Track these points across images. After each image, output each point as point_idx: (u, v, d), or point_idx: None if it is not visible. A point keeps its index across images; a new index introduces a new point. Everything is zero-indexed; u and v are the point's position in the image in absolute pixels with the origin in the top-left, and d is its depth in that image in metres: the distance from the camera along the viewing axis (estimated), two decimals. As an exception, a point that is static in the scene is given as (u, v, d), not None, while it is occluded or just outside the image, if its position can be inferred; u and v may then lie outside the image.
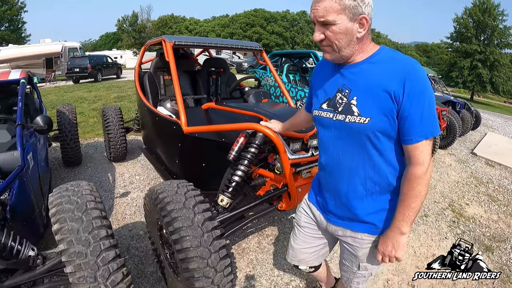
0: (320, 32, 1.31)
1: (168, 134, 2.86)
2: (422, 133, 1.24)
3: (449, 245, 3.38)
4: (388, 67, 1.28)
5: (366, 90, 1.31)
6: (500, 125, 13.47)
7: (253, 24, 57.61)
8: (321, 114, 1.48)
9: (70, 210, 1.74)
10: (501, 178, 6.12)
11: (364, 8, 1.24)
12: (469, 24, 32.56)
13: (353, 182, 1.43)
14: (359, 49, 1.33)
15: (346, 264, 1.68)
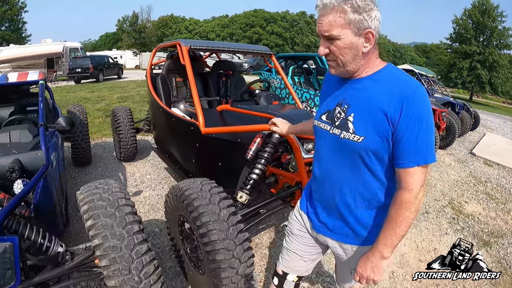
0: (324, 47, 1.29)
1: (185, 135, 2.99)
2: (414, 159, 1.21)
3: (449, 240, 3.56)
4: (390, 87, 1.25)
5: (363, 108, 1.29)
6: (498, 126, 13.66)
7: (253, 25, 57.38)
8: (319, 125, 1.47)
9: (103, 207, 1.83)
10: (499, 177, 6.29)
11: (370, 22, 1.21)
12: (468, 25, 32.71)
13: (343, 195, 1.42)
14: (365, 64, 1.30)
15: (343, 275, 1.73)
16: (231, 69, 4.53)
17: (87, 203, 1.86)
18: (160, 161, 5.13)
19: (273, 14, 60.20)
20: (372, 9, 1.20)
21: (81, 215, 1.85)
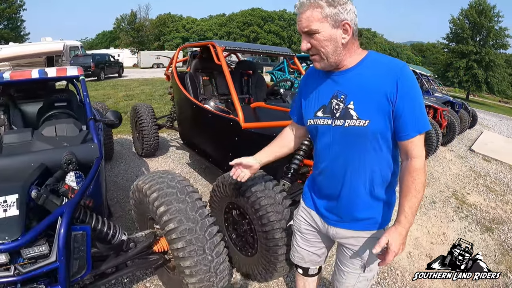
0: (306, 42, 1.36)
1: (223, 130, 3.23)
2: (416, 129, 1.30)
3: (456, 226, 3.92)
4: (380, 70, 1.32)
5: (362, 94, 1.34)
6: (495, 124, 14.09)
7: (250, 23, 57.62)
8: (318, 122, 1.48)
9: (173, 194, 1.96)
10: (497, 172, 6.65)
11: (346, 14, 1.28)
12: (465, 25, 33.09)
13: (354, 183, 1.45)
14: (347, 55, 1.36)
15: (347, 270, 1.65)
16: (251, 69, 4.84)
17: (155, 191, 1.98)
18: (182, 156, 5.42)
19: (271, 13, 60.29)
20: (346, 3, 1.28)
21: (149, 201, 1.98)
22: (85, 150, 2.35)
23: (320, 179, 1.58)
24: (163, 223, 1.87)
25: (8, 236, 1.62)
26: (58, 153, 2.22)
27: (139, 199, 2.18)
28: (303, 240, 1.79)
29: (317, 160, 1.57)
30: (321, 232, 1.70)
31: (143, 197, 2.06)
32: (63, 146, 2.40)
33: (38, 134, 2.56)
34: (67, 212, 1.72)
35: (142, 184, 2.11)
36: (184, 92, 3.91)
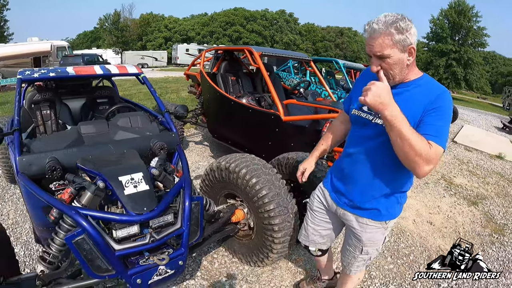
0: (376, 65, 1.47)
1: (263, 123, 3.76)
2: (434, 135, 1.40)
3: (446, 200, 4.73)
4: (426, 90, 1.49)
5: (405, 106, 1.44)
6: (474, 119, 15.12)
7: (233, 23, 57.44)
8: (360, 114, 1.67)
9: (259, 169, 2.35)
10: (478, 159, 7.51)
11: (411, 38, 1.40)
12: (444, 25, 34.34)
13: (373, 175, 1.65)
14: (409, 73, 1.52)
15: (349, 250, 1.91)
16: (269, 70, 5.47)
17: (244, 168, 2.35)
18: (204, 150, 5.97)
19: (253, 12, 60.04)
20: (411, 27, 1.40)
21: (239, 176, 2.34)
22: (167, 137, 2.62)
23: (346, 162, 1.78)
24: (255, 191, 2.26)
25: (146, 207, 1.85)
26: (146, 140, 2.51)
27: (222, 176, 2.53)
28: (312, 218, 2.05)
29: (349, 144, 1.79)
30: (330, 211, 1.94)
31: (229, 174, 2.44)
32: (147, 135, 2.63)
33: (114, 125, 2.71)
34: (187, 185, 2.06)
35: (226, 164, 2.46)
36: (219, 91, 4.47)
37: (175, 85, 15.47)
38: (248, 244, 2.59)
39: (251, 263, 2.63)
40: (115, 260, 1.74)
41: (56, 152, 2.16)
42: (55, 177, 2.05)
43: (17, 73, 2.82)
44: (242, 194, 2.43)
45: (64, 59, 20.47)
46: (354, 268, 1.94)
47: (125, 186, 1.89)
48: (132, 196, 1.86)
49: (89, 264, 1.72)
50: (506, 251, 3.58)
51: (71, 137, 2.48)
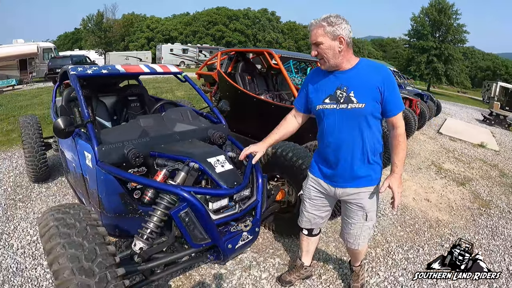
0: (314, 50, 1.88)
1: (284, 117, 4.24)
2: (397, 108, 1.88)
3: (438, 182, 5.42)
4: (371, 70, 1.87)
5: (359, 86, 1.85)
6: (456, 112, 16.15)
7: (216, 22, 57.76)
8: (325, 107, 1.95)
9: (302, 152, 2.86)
10: (462, 148, 8.30)
11: (341, 31, 1.79)
12: (425, 23, 35.52)
13: (355, 151, 1.94)
14: (344, 59, 1.86)
15: (353, 223, 2.13)
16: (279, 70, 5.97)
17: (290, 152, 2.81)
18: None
19: (236, 11, 60.59)
20: (342, 23, 1.80)
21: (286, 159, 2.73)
22: (220, 128, 2.95)
23: (327, 151, 2.04)
24: (302, 170, 2.64)
25: (236, 182, 2.14)
26: (204, 131, 2.82)
27: (268, 160, 2.93)
28: (311, 206, 2.27)
29: (324, 136, 2.03)
30: (328, 195, 2.17)
31: (276, 158, 2.85)
32: (204, 126, 2.90)
33: (169, 118, 2.86)
34: (257, 165, 2.39)
35: (273, 149, 2.87)
36: (241, 89, 4.93)
37: (167, 85, 15.64)
38: (290, 218, 2.98)
39: (293, 235, 3.08)
40: (214, 229, 1.98)
41: (132, 142, 2.37)
42: (137, 163, 2.25)
43: (70, 69, 2.93)
44: (288, 174, 2.84)
45: (52, 60, 20.30)
46: (362, 240, 2.17)
47: (215, 166, 2.17)
48: (223, 174, 2.15)
49: (190, 235, 1.95)
50: (493, 220, 4.28)
51: (136, 129, 2.60)
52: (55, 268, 1.48)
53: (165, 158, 2.33)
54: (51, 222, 1.65)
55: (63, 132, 2.22)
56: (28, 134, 4.07)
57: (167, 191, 2.00)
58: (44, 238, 1.61)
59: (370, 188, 2.03)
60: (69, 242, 1.55)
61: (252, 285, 2.69)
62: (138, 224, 2.18)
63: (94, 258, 1.54)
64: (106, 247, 1.62)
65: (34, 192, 4.18)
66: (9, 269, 2.72)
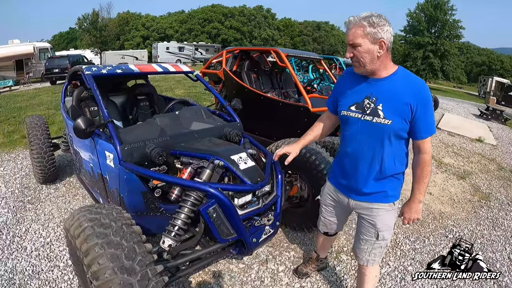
0: (350, 52, 1.70)
1: (293, 115, 4.27)
2: (428, 132, 1.69)
3: (439, 176, 5.56)
4: (407, 84, 1.68)
5: (390, 100, 1.68)
6: (453, 107, 16.23)
7: (211, 20, 57.47)
8: (350, 114, 1.83)
9: (316, 148, 2.94)
10: (460, 143, 8.43)
11: (383, 34, 1.60)
12: (421, 19, 35.68)
13: (372, 167, 1.82)
14: (381, 65, 1.69)
15: (365, 238, 2.02)
16: (283, 68, 6.07)
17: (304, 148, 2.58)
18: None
19: (231, 9, 60.28)
20: (384, 25, 1.60)
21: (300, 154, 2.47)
22: (235, 126, 3.00)
23: (345, 160, 1.97)
24: (315, 165, 2.73)
25: (259, 178, 2.19)
26: (220, 129, 2.87)
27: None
28: (327, 212, 2.26)
29: (344, 144, 1.96)
30: (342, 204, 2.11)
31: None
32: (220, 124, 2.94)
33: (184, 117, 2.88)
34: (276, 162, 2.48)
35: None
36: (248, 87, 4.98)
37: (165, 83, 15.68)
38: (303, 213, 3.09)
39: (306, 229, 3.17)
40: (240, 224, 2.04)
41: (153, 141, 2.39)
42: (161, 162, 2.25)
43: (84, 69, 2.93)
44: (301, 169, 2.90)
45: (49, 60, 20.08)
46: (372, 257, 2.04)
47: (238, 163, 2.22)
48: (247, 170, 2.20)
49: (218, 230, 1.99)
50: (493, 212, 4.43)
51: (154, 128, 2.60)
52: (95, 269, 1.48)
53: (189, 156, 2.36)
54: (84, 222, 1.65)
55: (84, 133, 2.23)
56: (36, 135, 4.07)
57: (195, 188, 2.02)
58: (79, 240, 1.60)
59: (384, 205, 1.91)
60: (108, 241, 1.56)
61: (270, 278, 2.79)
62: (159, 222, 2.24)
63: (134, 256, 1.55)
64: (144, 245, 1.64)
65: (43, 193, 4.18)
66: (24, 272, 2.72)
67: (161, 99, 4.28)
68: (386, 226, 1.96)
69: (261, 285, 2.71)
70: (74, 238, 1.64)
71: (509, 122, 13.04)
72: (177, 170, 2.39)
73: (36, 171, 4.17)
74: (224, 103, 3.28)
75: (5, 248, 3.03)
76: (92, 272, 1.48)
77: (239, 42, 55.61)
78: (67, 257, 2.91)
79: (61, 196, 4.10)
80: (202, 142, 2.57)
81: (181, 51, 39.98)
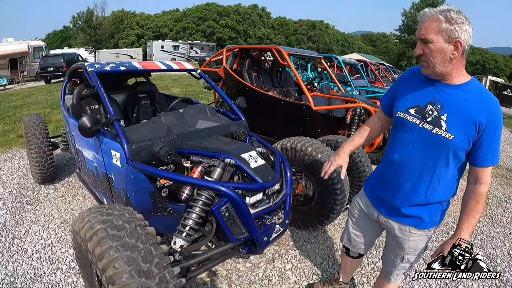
0: (420, 48, 1.46)
1: (295, 113, 4.28)
2: (491, 160, 1.46)
3: None
4: (479, 99, 1.45)
5: (457, 112, 1.45)
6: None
7: (206, 18, 57.32)
8: (407, 117, 1.59)
9: (320, 146, 2.93)
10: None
11: (460, 33, 1.36)
12: (416, 18, 35.39)
13: (417, 182, 1.59)
14: (453, 70, 1.46)
15: (390, 257, 1.87)
16: (283, 67, 6.06)
17: (309, 146, 2.89)
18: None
19: (226, 7, 60.26)
20: (463, 23, 1.37)
21: (306, 153, 2.79)
22: (241, 124, 2.97)
23: (387, 169, 1.75)
24: (321, 163, 2.71)
25: (270, 176, 2.16)
26: (226, 127, 2.82)
27: (287, 156, 2.99)
28: (353, 224, 2.07)
29: (392, 150, 1.71)
30: (372, 219, 1.91)
31: (295, 152, 2.93)
32: (225, 123, 2.90)
33: (189, 115, 2.82)
34: (285, 159, 2.52)
35: (292, 145, 2.97)
36: (249, 86, 4.96)
37: (162, 82, 15.68)
38: (308, 211, 3.09)
39: (311, 227, 3.16)
40: (252, 223, 2.01)
41: (160, 140, 2.34)
42: (169, 161, 2.21)
43: (87, 66, 2.87)
44: (307, 168, 2.92)
45: (44, 59, 19.86)
46: (394, 277, 1.93)
47: (249, 161, 2.18)
48: (257, 169, 2.16)
49: (231, 230, 1.96)
50: (492, 209, 4.49)
51: (161, 126, 2.56)
52: (111, 273, 1.43)
53: (199, 155, 2.33)
54: (96, 224, 1.59)
55: (90, 131, 2.20)
56: (34, 134, 4.01)
57: (208, 188, 1.99)
58: (92, 243, 1.54)
59: (418, 231, 1.71)
60: (123, 244, 1.50)
61: (278, 276, 2.78)
62: (166, 222, 2.20)
63: (151, 259, 1.50)
64: (160, 247, 1.59)
65: (42, 193, 4.11)
66: (26, 275, 2.66)
67: (162, 97, 4.23)
68: (414, 251, 1.79)
69: (269, 284, 2.70)
70: (85, 241, 1.58)
71: (504, 121, 13.13)
72: (184, 169, 2.35)
73: (34, 171, 4.10)
74: (229, 101, 3.24)
75: (5, 251, 2.97)
76: (108, 277, 1.43)
77: (234, 41, 55.63)
78: (69, 259, 2.87)
79: (60, 197, 4.04)
80: (209, 140, 2.54)
81: (176, 49, 39.77)
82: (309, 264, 2.98)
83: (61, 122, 7.52)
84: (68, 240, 3.15)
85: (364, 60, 12.16)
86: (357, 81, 9.02)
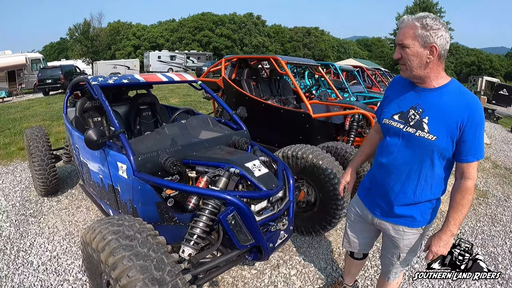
0: (398, 52, 1.56)
1: (294, 121, 4.33)
2: (475, 156, 1.50)
3: None
4: (459, 99, 1.51)
5: (438, 114, 1.52)
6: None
7: (202, 28, 57.50)
8: (391, 123, 1.68)
9: (322, 153, 3.00)
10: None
11: (436, 38, 1.44)
12: (410, 22, 36.33)
13: (406, 184, 1.66)
14: (431, 73, 1.53)
15: (387, 257, 1.94)
16: (281, 75, 6.13)
17: (310, 154, 2.96)
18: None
19: (221, 16, 60.41)
20: (439, 29, 1.44)
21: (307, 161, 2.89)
22: (243, 134, 3.02)
23: (378, 172, 1.81)
24: (322, 170, 2.83)
25: (274, 184, 2.21)
26: (228, 137, 2.88)
27: (289, 163, 3.05)
28: (351, 227, 2.15)
29: (381, 154, 1.80)
30: (367, 221, 1.99)
31: (297, 160, 3.00)
32: (228, 133, 2.95)
33: (191, 126, 2.86)
34: (287, 167, 2.55)
35: (293, 152, 3.03)
36: (248, 95, 5.03)
37: (160, 92, 15.67)
38: (310, 217, 3.14)
39: (313, 232, 3.20)
40: (258, 230, 2.05)
41: (165, 151, 2.39)
42: (175, 172, 2.26)
43: (91, 79, 2.90)
44: (309, 175, 2.98)
45: (42, 71, 19.90)
46: (392, 275, 2.01)
47: (253, 170, 2.23)
48: (261, 177, 2.21)
49: (237, 237, 2.00)
50: (491, 209, 4.55)
51: (165, 138, 2.60)
52: (125, 282, 1.46)
53: (204, 165, 2.37)
54: (108, 235, 1.62)
55: (97, 144, 2.25)
56: (37, 146, 4.04)
57: (214, 197, 2.03)
58: (104, 253, 1.57)
59: (411, 230, 1.77)
60: (135, 253, 1.54)
61: (283, 282, 2.81)
62: (172, 232, 2.24)
63: (163, 267, 1.54)
64: (171, 255, 1.64)
65: (45, 206, 4.13)
66: None
67: (163, 109, 4.26)
68: (410, 249, 1.84)
69: (275, 290, 2.73)
70: (97, 252, 1.61)
71: (501, 120, 13.29)
72: (189, 179, 2.39)
73: (37, 183, 4.12)
74: (230, 111, 3.29)
75: (10, 263, 2.98)
76: (122, 286, 1.47)
77: (230, 50, 55.79)
78: (76, 271, 2.89)
79: (64, 209, 4.06)
80: (213, 150, 2.58)
81: (173, 59, 39.94)
82: (313, 269, 3.01)
83: (62, 134, 7.57)
84: (73, 252, 3.17)
85: (360, 66, 12.28)
86: (354, 87, 9.09)
